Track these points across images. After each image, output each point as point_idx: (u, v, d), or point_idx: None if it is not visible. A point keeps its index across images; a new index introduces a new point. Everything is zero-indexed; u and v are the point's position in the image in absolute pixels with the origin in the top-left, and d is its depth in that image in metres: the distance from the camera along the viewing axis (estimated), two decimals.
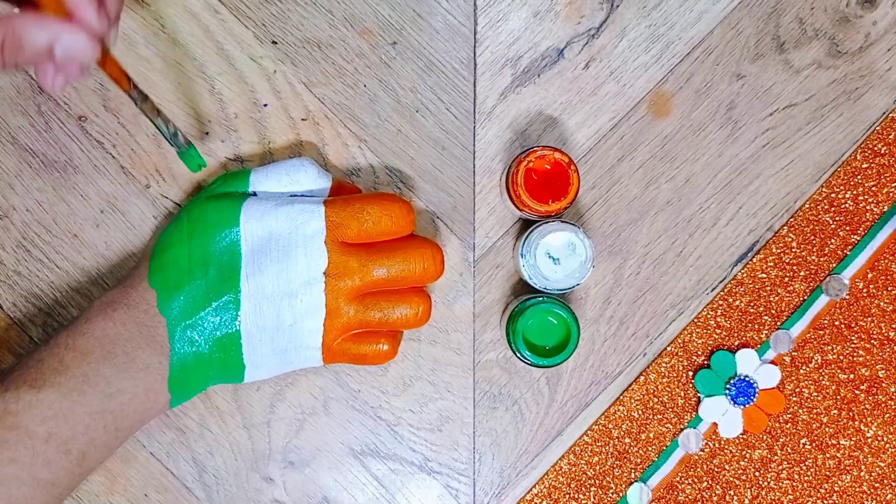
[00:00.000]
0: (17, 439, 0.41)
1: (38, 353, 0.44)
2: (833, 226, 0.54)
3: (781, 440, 0.54)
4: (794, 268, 0.54)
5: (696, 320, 0.54)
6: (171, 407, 0.46)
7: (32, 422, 0.41)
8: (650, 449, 0.54)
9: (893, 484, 0.54)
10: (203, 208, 0.47)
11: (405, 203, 0.47)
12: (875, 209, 0.54)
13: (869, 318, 0.54)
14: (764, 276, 0.54)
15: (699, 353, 0.54)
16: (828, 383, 0.54)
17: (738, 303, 0.54)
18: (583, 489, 0.53)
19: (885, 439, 0.54)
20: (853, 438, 0.54)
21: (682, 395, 0.54)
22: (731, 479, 0.54)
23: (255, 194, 0.48)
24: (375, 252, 0.47)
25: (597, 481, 0.53)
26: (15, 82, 0.51)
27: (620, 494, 0.53)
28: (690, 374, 0.54)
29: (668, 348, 0.54)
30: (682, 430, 0.54)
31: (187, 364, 0.45)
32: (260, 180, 0.49)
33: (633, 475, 0.54)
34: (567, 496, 0.53)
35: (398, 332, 0.49)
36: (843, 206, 0.54)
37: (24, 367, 0.43)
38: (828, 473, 0.54)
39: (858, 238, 0.54)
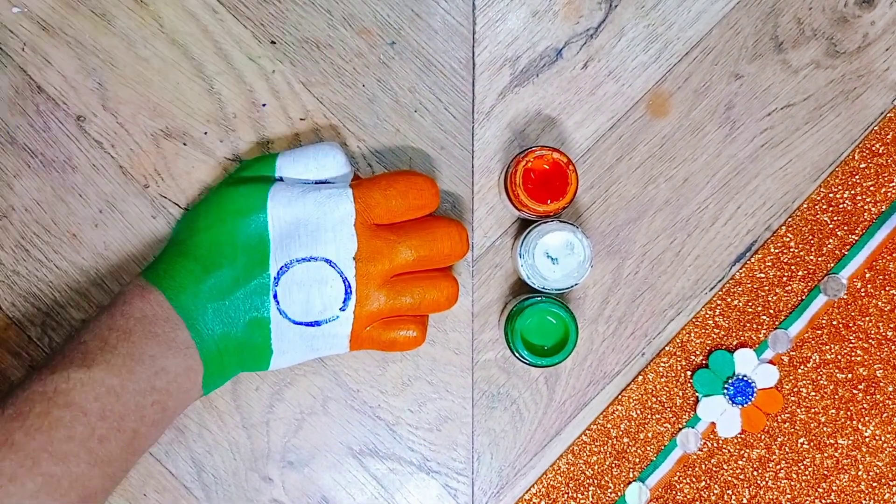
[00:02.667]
0: (73, 417, 0.41)
1: (79, 337, 0.44)
2: (831, 225, 0.54)
3: (779, 440, 0.54)
4: (793, 267, 0.54)
5: (694, 320, 0.54)
6: (204, 393, 0.47)
7: (86, 399, 0.41)
8: (648, 448, 0.54)
9: (891, 483, 0.54)
10: (230, 193, 0.47)
11: (429, 177, 0.48)
12: (873, 209, 0.54)
13: (867, 318, 0.54)
14: (762, 275, 0.54)
15: (697, 352, 0.54)
16: (826, 383, 0.54)
17: (736, 302, 0.54)
18: (581, 489, 0.53)
19: (882, 439, 0.54)
20: (851, 438, 0.54)
21: (681, 394, 0.54)
22: (730, 478, 0.54)
23: (281, 179, 0.48)
24: (403, 233, 0.47)
25: (595, 481, 0.53)
26: (14, 82, 0.51)
27: (619, 494, 0.53)
28: (689, 373, 0.54)
29: (667, 348, 0.54)
30: (680, 429, 0.54)
31: (220, 346, 0.46)
32: (287, 164, 0.48)
33: (631, 475, 0.54)
34: (565, 496, 0.53)
35: (425, 316, 0.49)
36: (841, 206, 0.54)
37: (68, 350, 0.43)
38: (826, 473, 0.54)
39: (856, 238, 0.54)
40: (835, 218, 0.54)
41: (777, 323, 0.54)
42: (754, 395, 0.53)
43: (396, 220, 0.47)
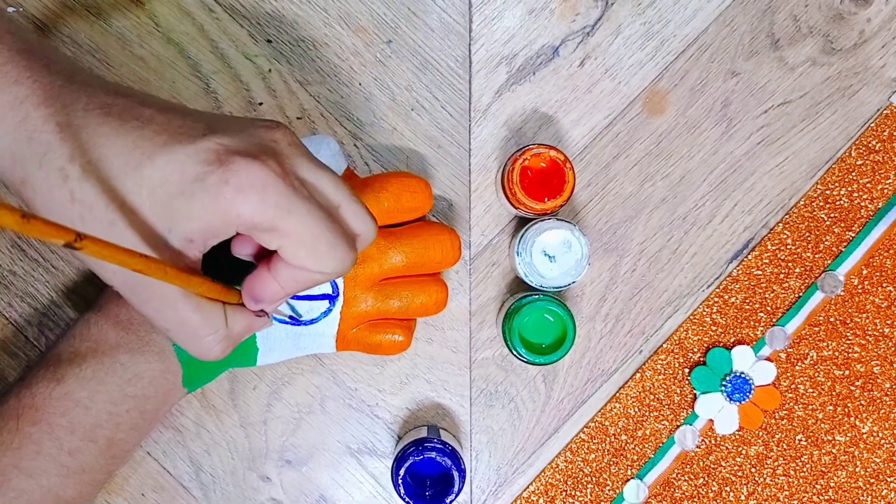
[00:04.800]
0: (41, 433, 0.42)
1: (56, 347, 0.45)
2: (828, 222, 0.54)
3: (777, 436, 0.54)
4: (790, 264, 0.54)
5: (691, 317, 0.54)
6: (189, 391, 0.47)
7: (54, 415, 0.42)
8: (647, 446, 0.54)
9: (889, 479, 0.54)
10: None
11: (422, 179, 0.47)
12: (870, 205, 0.54)
13: (864, 315, 0.54)
14: (759, 272, 0.54)
15: (695, 349, 0.54)
16: (823, 379, 0.54)
17: (733, 299, 0.54)
18: (579, 486, 0.53)
19: (880, 435, 0.54)
20: (848, 434, 0.54)
21: (679, 391, 0.54)
22: (728, 475, 0.54)
23: None
24: (394, 239, 0.47)
25: (593, 478, 0.53)
26: None
27: (617, 491, 0.54)
28: (686, 370, 0.54)
29: (664, 345, 0.54)
30: (678, 426, 0.54)
31: None
32: None
33: (629, 472, 0.54)
34: (564, 493, 0.53)
35: (412, 321, 0.49)
36: (837, 203, 0.54)
37: (45, 362, 0.44)
38: (823, 469, 0.54)
39: (853, 235, 0.54)
40: (832, 215, 0.54)
41: (774, 320, 0.54)
42: (752, 392, 0.53)
43: (389, 222, 0.47)
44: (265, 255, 0.38)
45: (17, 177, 0.36)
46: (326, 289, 0.46)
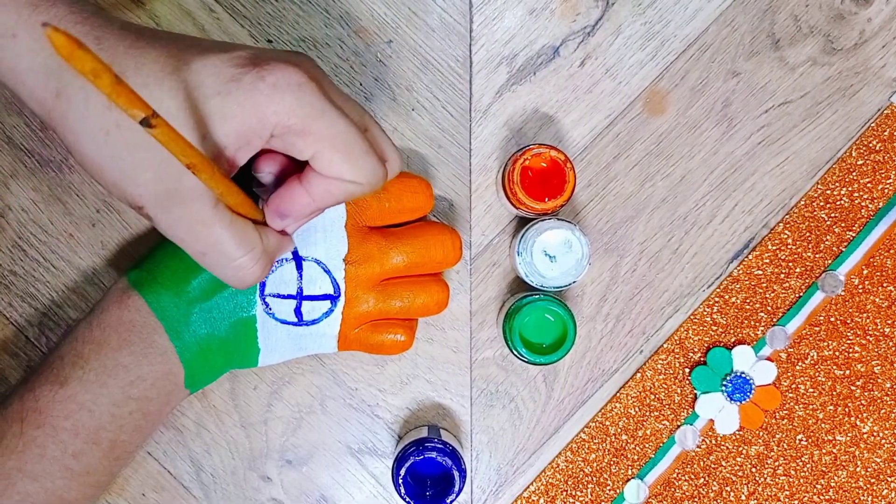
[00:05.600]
0: (45, 436, 0.42)
1: (59, 350, 0.45)
2: (828, 222, 0.54)
3: (778, 436, 0.54)
4: (790, 264, 0.54)
5: (692, 317, 0.54)
6: (191, 392, 0.47)
7: (57, 418, 0.42)
8: (647, 446, 0.54)
9: (889, 479, 0.54)
10: None
11: (423, 179, 0.47)
12: (870, 205, 0.54)
13: (864, 315, 0.54)
14: (760, 272, 0.54)
15: (695, 349, 0.54)
16: (824, 379, 0.54)
17: (734, 299, 0.54)
18: (580, 486, 0.53)
19: (880, 435, 0.54)
20: (849, 434, 0.54)
21: (679, 391, 0.54)
22: (728, 475, 0.54)
23: None
24: (395, 239, 0.47)
25: (594, 478, 0.53)
26: None
27: (618, 491, 0.54)
28: (687, 370, 0.54)
29: (665, 345, 0.54)
30: (678, 426, 0.54)
31: (203, 347, 0.45)
32: None
33: (630, 472, 0.54)
34: (564, 493, 0.53)
35: (414, 320, 0.49)
36: (838, 203, 0.54)
37: (47, 365, 0.44)
38: (824, 469, 0.54)
39: (854, 234, 0.54)
40: (832, 215, 0.54)
41: (775, 320, 0.54)
42: (752, 391, 0.53)
43: (389, 222, 0.47)
44: (286, 178, 0.39)
45: (52, 89, 0.36)
46: (328, 289, 0.46)
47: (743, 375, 0.53)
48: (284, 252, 0.41)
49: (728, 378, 0.53)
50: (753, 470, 0.54)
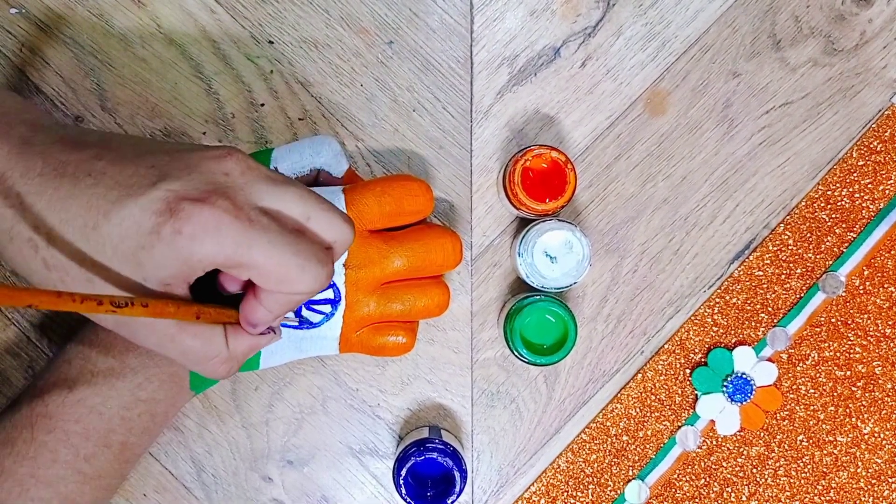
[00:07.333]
0: (56, 440, 0.42)
1: (66, 354, 0.45)
2: (829, 223, 0.54)
3: (778, 437, 0.54)
4: (791, 265, 0.54)
5: (693, 318, 0.54)
6: (196, 393, 0.47)
7: (68, 422, 0.42)
8: (648, 446, 0.54)
9: (890, 480, 0.54)
10: None
11: (424, 182, 0.47)
12: (871, 206, 0.54)
13: (865, 315, 0.54)
14: (761, 273, 0.54)
15: (696, 350, 0.54)
16: (824, 380, 0.54)
17: (734, 300, 0.54)
18: (581, 487, 0.53)
19: (881, 436, 0.54)
20: (850, 435, 0.54)
21: (680, 392, 0.54)
22: (729, 476, 0.54)
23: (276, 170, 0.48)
24: (396, 243, 0.46)
25: (595, 479, 0.54)
26: (12, 83, 0.51)
27: (618, 492, 0.54)
28: (688, 371, 0.54)
29: (666, 346, 0.54)
30: (679, 427, 0.54)
31: None
32: (282, 156, 0.47)
33: (631, 473, 0.54)
34: (565, 494, 0.53)
35: (415, 322, 0.49)
36: (839, 204, 0.54)
37: (55, 369, 0.44)
38: (825, 470, 0.54)
39: (854, 235, 0.54)
40: (833, 215, 0.54)
41: (776, 321, 0.54)
42: (753, 392, 0.53)
43: (389, 224, 0.47)
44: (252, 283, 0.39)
45: None
46: (328, 293, 0.46)
47: (744, 376, 0.53)
48: (263, 347, 0.42)
49: (729, 379, 0.53)
50: (754, 471, 0.54)
